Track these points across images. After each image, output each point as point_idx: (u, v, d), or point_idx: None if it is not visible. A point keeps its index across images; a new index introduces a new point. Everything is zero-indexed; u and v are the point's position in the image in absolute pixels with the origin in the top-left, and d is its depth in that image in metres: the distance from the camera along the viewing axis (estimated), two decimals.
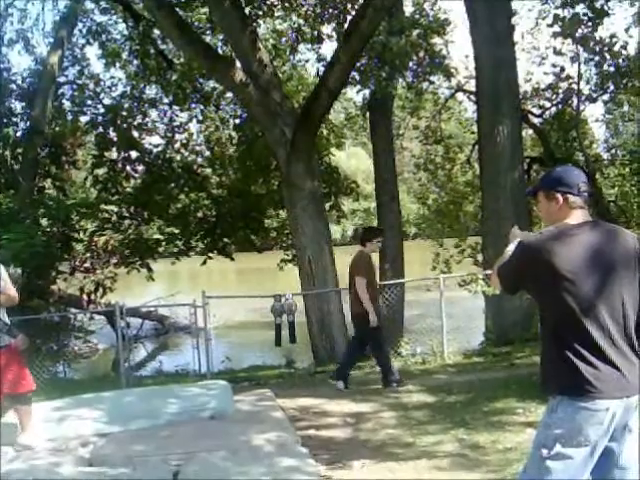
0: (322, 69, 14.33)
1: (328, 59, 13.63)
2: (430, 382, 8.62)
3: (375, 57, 13.31)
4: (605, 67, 14.85)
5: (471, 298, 12.17)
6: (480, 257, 13.63)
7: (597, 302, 2.85)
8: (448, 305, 10.49)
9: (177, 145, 18.76)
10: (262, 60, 11.98)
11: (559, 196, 3.01)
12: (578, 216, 3.00)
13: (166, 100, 18.26)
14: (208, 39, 15.81)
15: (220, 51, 15.60)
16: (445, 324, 10.45)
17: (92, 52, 19.70)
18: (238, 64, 12.19)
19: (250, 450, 5.62)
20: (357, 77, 14.00)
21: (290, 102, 12.93)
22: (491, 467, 5.21)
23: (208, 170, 18.87)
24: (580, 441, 2.80)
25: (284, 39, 17.30)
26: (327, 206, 15.41)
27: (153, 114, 18.62)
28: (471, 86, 15.87)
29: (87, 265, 16.51)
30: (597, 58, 14.78)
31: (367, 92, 14.69)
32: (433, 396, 7.76)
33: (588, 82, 15.83)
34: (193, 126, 19.09)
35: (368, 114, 15.57)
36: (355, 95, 17.53)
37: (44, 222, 13.71)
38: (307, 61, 18.31)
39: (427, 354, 10.47)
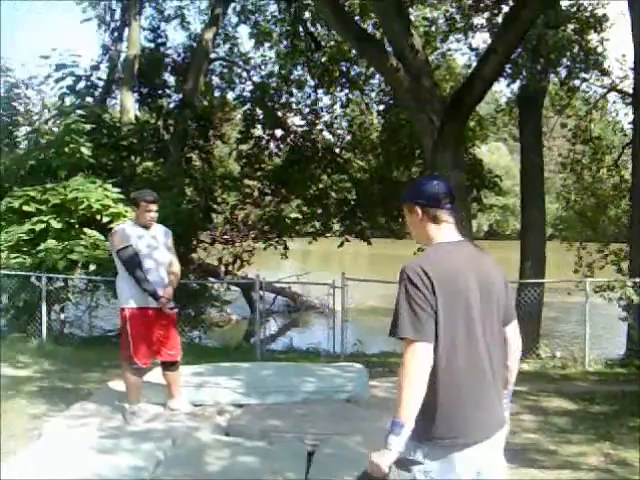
0: (473, 59, 14.03)
1: (479, 50, 13.34)
2: (571, 389, 8.29)
3: (530, 50, 12.89)
4: None
5: (604, 306, 11.55)
6: (625, 264, 13.02)
7: (475, 330, 2.68)
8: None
9: (319, 127, 18.95)
10: (414, 46, 11.80)
11: (418, 209, 2.86)
12: (444, 233, 2.85)
13: (311, 82, 18.48)
14: None
15: None
16: (588, 330, 10.01)
17: (244, 31, 20.22)
18: (389, 48, 12.10)
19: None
20: (508, 69, 13.64)
21: (440, 90, 12.73)
22: None
23: (349, 154, 18.93)
24: None
25: (433, 27, 17.10)
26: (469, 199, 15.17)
27: (298, 95, 18.88)
28: (625, 86, 15.54)
29: (227, 237, 16.99)
30: None
31: (516, 86, 14.35)
32: (574, 404, 7.45)
33: None
34: (336, 109, 19.25)
35: (517, 109, 15.21)
36: (505, 88, 17.19)
37: (189, 192, 14.15)
38: (457, 50, 18.08)
39: (566, 359, 10.11)
